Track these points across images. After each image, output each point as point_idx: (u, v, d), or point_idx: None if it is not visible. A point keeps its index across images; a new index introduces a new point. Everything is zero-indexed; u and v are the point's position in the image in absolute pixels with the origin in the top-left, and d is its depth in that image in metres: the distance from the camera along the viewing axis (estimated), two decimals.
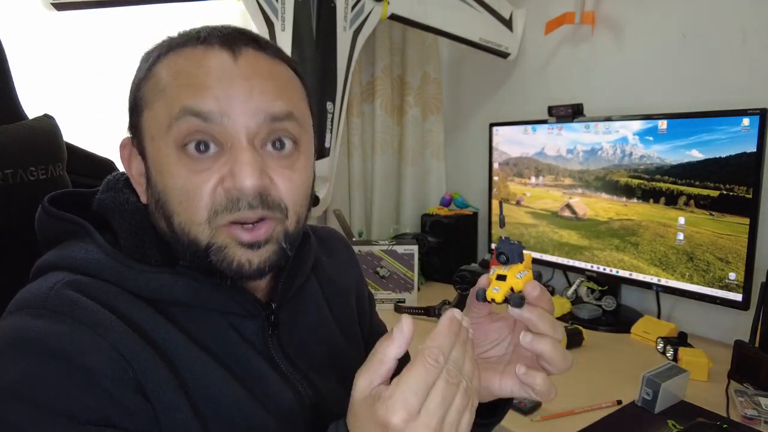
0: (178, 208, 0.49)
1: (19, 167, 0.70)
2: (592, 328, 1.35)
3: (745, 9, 1.21)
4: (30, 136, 0.73)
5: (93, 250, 0.51)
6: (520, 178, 1.64)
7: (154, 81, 0.51)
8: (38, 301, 0.46)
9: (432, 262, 1.83)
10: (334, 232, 0.78)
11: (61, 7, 1.24)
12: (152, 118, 0.50)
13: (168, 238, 0.52)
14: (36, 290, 0.47)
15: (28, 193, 0.71)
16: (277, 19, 1.37)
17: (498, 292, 0.50)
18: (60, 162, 0.77)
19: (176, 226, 0.50)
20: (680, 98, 1.35)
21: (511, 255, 0.52)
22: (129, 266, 0.50)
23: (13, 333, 0.44)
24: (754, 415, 0.91)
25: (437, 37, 1.85)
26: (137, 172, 0.54)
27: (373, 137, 1.90)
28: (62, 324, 0.44)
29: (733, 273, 1.16)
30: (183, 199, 0.49)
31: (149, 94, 0.51)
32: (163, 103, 0.49)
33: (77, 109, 1.43)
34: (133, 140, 0.54)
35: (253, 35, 0.53)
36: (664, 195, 1.27)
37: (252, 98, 0.49)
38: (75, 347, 0.44)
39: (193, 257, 0.50)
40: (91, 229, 0.52)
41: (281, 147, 0.51)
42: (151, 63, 0.52)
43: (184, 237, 0.50)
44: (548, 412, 0.95)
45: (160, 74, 0.50)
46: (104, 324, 0.46)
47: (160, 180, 0.50)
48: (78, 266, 0.50)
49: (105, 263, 0.50)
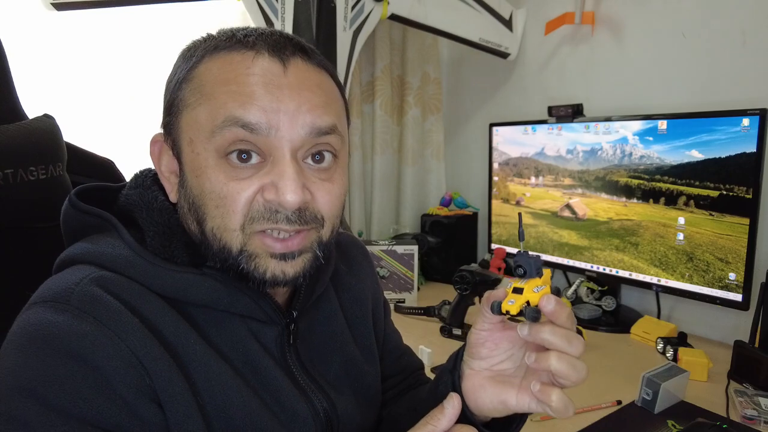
0: (213, 212, 0.49)
1: (20, 167, 0.70)
2: (592, 329, 1.35)
3: (745, 9, 1.21)
4: (30, 136, 0.73)
5: (120, 246, 0.50)
6: (520, 178, 1.65)
7: (197, 83, 0.50)
8: (63, 295, 0.46)
9: (432, 262, 1.83)
10: (351, 239, 0.77)
11: (61, 7, 1.24)
12: (193, 120, 0.50)
13: (197, 240, 0.52)
14: (63, 283, 0.47)
15: (28, 192, 0.71)
16: (277, 19, 1.37)
17: (513, 305, 0.48)
18: (60, 162, 0.77)
19: (209, 230, 0.50)
20: (680, 98, 1.35)
21: (529, 269, 0.50)
22: (155, 264, 0.50)
23: (36, 327, 0.44)
24: (754, 415, 0.91)
25: (437, 37, 1.85)
26: (168, 169, 0.54)
27: (373, 137, 1.90)
28: (85, 323, 0.44)
29: (732, 273, 1.16)
30: (219, 203, 0.48)
31: (190, 96, 0.50)
32: (207, 108, 0.48)
33: (77, 109, 1.43)
34: (167, 138, 0.53)
35: (301, 43, 0.52)
36: (664, 195, 1.27)
37: (300, 112, 0.48)
38: (95, 349, 0.43)
39: (224, 262, 0.50)
40: (118, 224, 0.52)
41: (321, 159, 0.52)
42: (193, 63, 0.51)
43: (216, 241, 0.50)
44: None
45: (204, 77, 0.50)
46: (126, 328, 0.45)
47: (196, 183, 0.50)
48: (105, 261, 0.49)
49: (132, 260, 0.50)
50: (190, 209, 0.51)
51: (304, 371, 0.57)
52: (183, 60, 0.53)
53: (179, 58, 0.54)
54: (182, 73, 0.51)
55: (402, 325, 1.37)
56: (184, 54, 0.53)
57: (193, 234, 0.52)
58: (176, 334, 0.48)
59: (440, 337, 1.31)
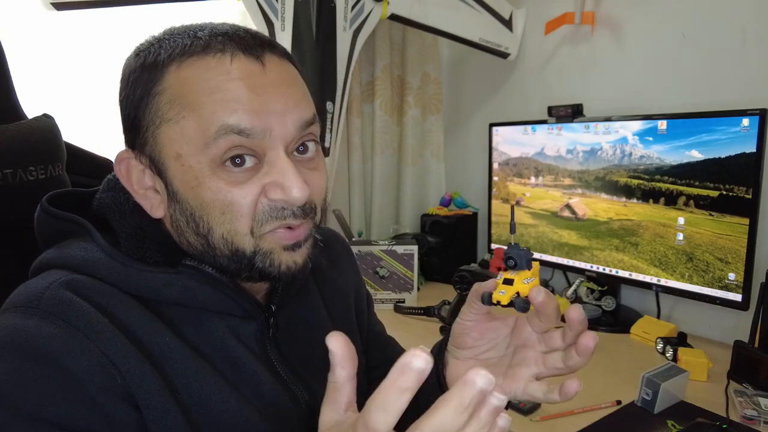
0: (220, 219, 0.49)
1: (19, 167, 0.70)
2: (592, 329, 1.33)
3: (745, 9, 1.21)
4: (30, 136, 0.73)
5: (92, 249, 0.50)
6: (520, 178, 1.65)
7: (172, 94, 0.48)
8: (32, 299, 0.46)
9: (432, 262, 1.83)
10: (332, 233, 0.77)
11: (60, 6, 1.24)
12: (177, 135, 0.48)
13: (198, 251, 0.52)
14: (32, 288, 0.47)
15: (28, 192, 0.71)
16: (277, 19, 1.37)
17: (504, 295, 0.51)
18: (60, 162, 0.77)
19: (218, 237, 0.50)
20: (680, 98, 1.35)
21: (520, 260, 0.52)
22: (127, 265, 0.50)
23: (4, 332, 0.44)
24: (754, 415, 0.91)
25: (437, 37, 1.85)
26: (142, 187, 0.52)
27: (372, 137, 1.90)
28: (53, 325, 0.44)
29: (732, 273, 1.16)
30: (225, 210, 0.48)
31: (168, 109, 0.48)
32: (193, 120, 0.47)
33: (77, 109, 1.43)
34: (138, 155, 0.52)
35: (265, 38, 0.52)
36: (664, 195, 1.27)
37: (288, 110, 0.49)
38: (64, 350, 0.43)
39: (238, 264, 0.51)
40: (90, 228, 0.52)
41: (305, 150, 0.52)
42: (159, 73, 0.49)
43: (227, 246, 0.50)
44: (548, 412, 0.95)
45: (180, 87, 0.48)
46: (96, 328, 0.45)
47: (193, 195, 0.49)
48: (76, 265, 0.49)
49: (104, 262, 0.49)
50: (189, 222, 0.50)
51: (285, 364, 0.57)
52: (141, 70, 0.49)
53: (133, 68, 0.50)
54: (147, 85, 0.49)
55: (402, 325, 1.38)
56: (138, 63, 0.50)
57: (192, 246, 0.52)
58: (149, 332, 0.48)
59: (440, 337, 1.31)
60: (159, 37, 0.52)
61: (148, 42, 0.52)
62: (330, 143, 1.48)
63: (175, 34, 0.51)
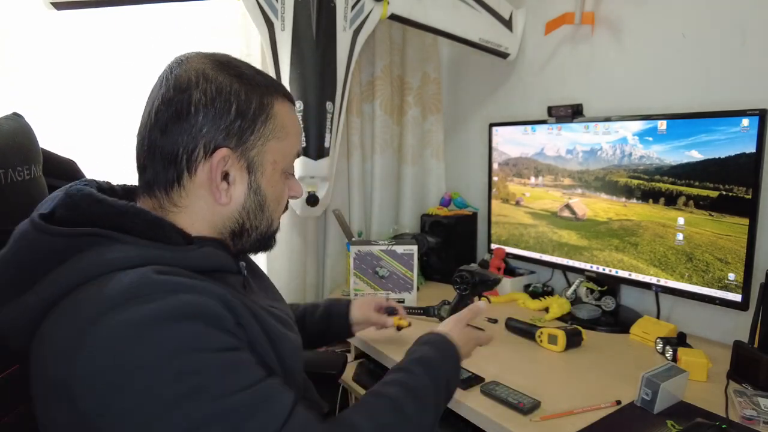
0: (273, 206, 0.75)
1: (9, 167, 0.68)
2: (592, 329, 1.35)
3: (745, 9, 1.21)
4: (14, 136, 0.71)
5: (131, 249, 0.60)
6: (520, 178, 1.65)
7: (278, 122, 0.71)
8: (141, 290, 0.56)
9: (431, 262, 1.83)
10: None
11: (60, 6, 1.24)
12: (279, 150, 0.72)
13: (240, 226, 0.72)
14: (130, 284, 0.56)
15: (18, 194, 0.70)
16: (276, 19, 1.37)
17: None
18: (38, 163, 0.75)
19: (267, 216, 0.74)
20: (680, 99, 1.35)
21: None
22: (173, 249, 0.63)
23: (141, 316, 0.54)
24: (753, 415, 0.91)
25: (437, 37, 1.85)
26: (220, 177, 0.68)
27: (372, 137, 1.90)
28: (174, 296, 0.56)
29: (732, 273, 1.16)
30: (280, 201, 0.76)
31: (277, 131, 0.71)
32: (289, 143, 0.74)
33: (77, 108, 1.43)
34: (240, 157, 0.69)
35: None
36: (664, 195, 1.27)
37: None
38: (205, 308, 0.58)
39: (261, 237, 0.75)
40: (114, 234, 0.61)
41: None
42: (267, 102, 0.70)
43: (265, 223, 0.74)
44: (547, 412, 0.95)
45: (281, 118, 0.72)
46: (201, 288, 0.59)
47: (270, 191, 0.73)
48: (139, 262, 0.59)
49: (157, 252, 0.62)
50: (259, 206, 0.72)
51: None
52: (245, 92, 0.68)
53: (234, 86, 0.68)
54: (262, 104, 0.70)
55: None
56: (240, 83, 0.68)
57: (239, 220, 0.71)
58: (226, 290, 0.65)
59: None
60: (237, 64, 0.71)
61: (237, 70, 0.70)
62: (330, 143, 1.47)
63: (253, 72, 0.72)
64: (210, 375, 0.55)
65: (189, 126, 0.65)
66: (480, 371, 1.10)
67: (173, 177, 0.67)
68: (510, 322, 1.35)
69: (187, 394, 0.53)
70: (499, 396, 0.99)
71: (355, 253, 1.53)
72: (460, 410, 1.01)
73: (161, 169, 0.67)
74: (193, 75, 0.66)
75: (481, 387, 1.03)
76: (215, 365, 0.56)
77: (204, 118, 0.65)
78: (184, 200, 0.68)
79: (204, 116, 0.65)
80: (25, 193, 0.71)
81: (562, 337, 1.21)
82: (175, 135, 0.65)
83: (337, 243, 1.86)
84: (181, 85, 0.65)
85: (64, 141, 1.37)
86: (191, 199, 0.68)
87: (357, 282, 1.54)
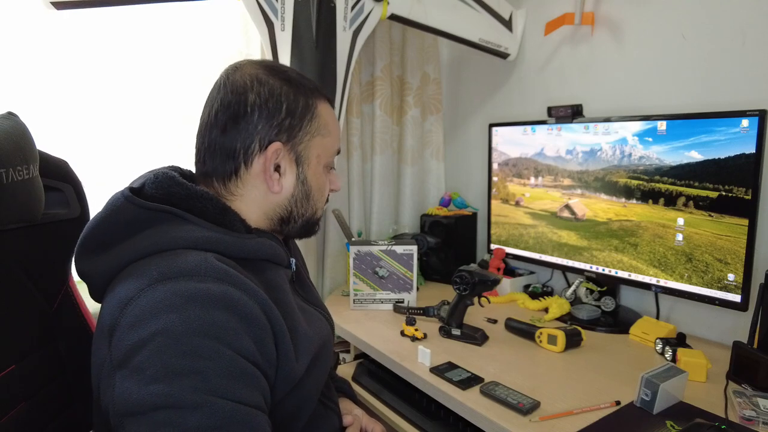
0: (317, 196, 0.82)
1: (10, 166, 0.68)
2: (591, 329, 1.36)
3: (745, 9, 1.21)
4: (12, 135, 0.71)
5: (196, 229, 0.68)
6: (520, 178, 1.65)
7: (322, 121, 0.79)
8: (200, 270, 0.62)
9: (431, 262, 1.83)
10: None
11: (60, 6, 1.24)
12: (322, 145, 0.80)
13: (288, 213, 0.80)
14: (192, 263, 0.63)
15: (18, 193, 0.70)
16: (276, 19, 1.37)
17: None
18: (35, 162, 0.75)
19: (311, 205, 0.81)
20: (679, 99, 1.35)
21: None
22: (234, 236, 0.70)
23: (191, 290, 0.60)
24: (752, 416, 0.91)
25: (437, 37, 1.86)
26: (273, 168, 0.76)
27: (372, 137, 1.90)
28: (226, 286, 0.62)
29: (731, 274, 1.16)
30: (323, 192, 0.84)
31: (321, 128, 0.79)
32: (331, 140, 0.82)
33: (77, 108, 1.43)
34: (289, 149, 0.77)
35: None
36: (663, 196, 1.27)
37: None
38: (238, 303, 0.62)
39: (306, 222, 0.82)
40: (185, 214, 0.69)
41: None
42: (312, 102, 0.78)
43: (310, 211, 0.82)
44: (547, 412, 0.95)
45: (324, 117, 0.80)
46: (251, 289, 0.65)
47: (315, 182, 0.81)
48: (202, 243, 0.66)
49: (219, 236, 0.68)
50: (305, 196, 0.80)
51: (303, 295, 0.87)
52: (293, 93, 0.77)
53: (284, 88, 0.76)
54: (307, 103, 0.78)
55: (401, 325, 1.37)
56: (286, 83, 0.77)
57: (288, 208, 0.79)
58: (268, 290, 0.70)
59: (439, 338, 1.31)
60: (284, 69, 0.79)
61: (286, 74, 0.78)
62: None
63: (298, 74, 0.80)
64: (217, 367, 0.58)
65: (246, 124, 0.74)
66: (479, 371, 1.10)
67: (231, 169, 0.75)
68: (509, 323, 1.35)
69: (187, 370, 0.56)
70: (499, 396, 0.99)
71: (355, 253, 1.53)
72: (459, 410, 1.01)
73: (220, 163, 0.75)
74: (248, 80, 0.75)
75: (481, 387, 1.03)
76: (226, 363, 0.59)
77: (259, 117, 0.74)
78: (240, 189, 0.76)
79: (259, 115, 0.74)
80: (26, 193, 0.71)
81: (562, 337, 1.21)
82: (234, 133, 0.74)
83: (336, 243, 1.86)
84: (238, 88, 0.74)
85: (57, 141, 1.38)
86: (247, 189, 0.76)
87: (357, 282, 1.54)
